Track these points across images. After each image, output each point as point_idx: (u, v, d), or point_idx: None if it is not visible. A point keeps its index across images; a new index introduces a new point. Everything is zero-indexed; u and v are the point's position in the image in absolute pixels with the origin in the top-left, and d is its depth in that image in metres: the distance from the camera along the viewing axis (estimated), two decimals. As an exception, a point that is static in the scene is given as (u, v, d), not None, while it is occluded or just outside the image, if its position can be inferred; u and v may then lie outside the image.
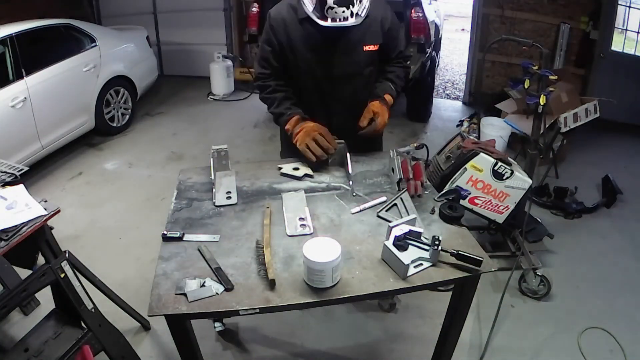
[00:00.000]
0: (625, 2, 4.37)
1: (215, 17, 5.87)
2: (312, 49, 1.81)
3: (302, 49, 1.82)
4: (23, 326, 2.23)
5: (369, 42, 1.85)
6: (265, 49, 1.88)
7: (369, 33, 1.83)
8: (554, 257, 2.81)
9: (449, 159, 2.38)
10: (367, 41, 1.84)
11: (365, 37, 1.83)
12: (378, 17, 1.84)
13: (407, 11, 4.22)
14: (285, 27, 1.81)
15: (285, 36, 1.81)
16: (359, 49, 1.84)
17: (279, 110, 1.88)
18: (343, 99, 1.92)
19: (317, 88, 1.90)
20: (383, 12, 1.86)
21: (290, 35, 1.81)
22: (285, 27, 1.81)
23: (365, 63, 1.89)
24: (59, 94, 3.85)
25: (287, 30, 1.81)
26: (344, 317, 2.40)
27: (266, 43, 1.87)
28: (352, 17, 1.63)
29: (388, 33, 1.88)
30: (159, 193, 3.56)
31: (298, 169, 1.80)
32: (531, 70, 2.46)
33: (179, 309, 1.21)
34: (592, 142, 4.25)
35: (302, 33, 1.79)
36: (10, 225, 1.56)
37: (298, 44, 1.81)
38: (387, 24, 1.87)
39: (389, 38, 1.89)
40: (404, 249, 1.33)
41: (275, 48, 1.85)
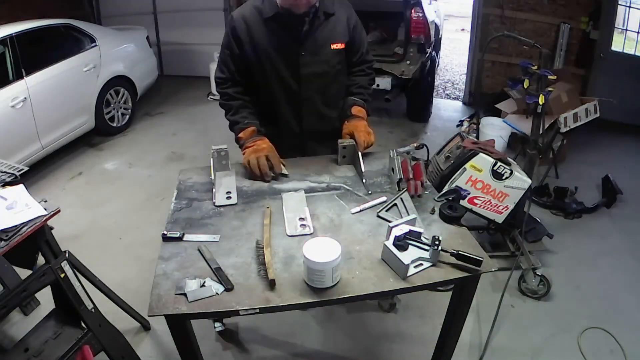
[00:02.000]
0: (625, 2, 4.37)
1: (215, 17, 5.87)
2: (278, 48, 1.77)
3: (267, 49, 1.77)
4: (23, 326, 2.23)
5: (336, 40, 1.83)
6: (224, 53, 1.84)
7: (336, 31, 1.83)
8: (553, 257, 2.81)
9: (449, 159, 2.38)
10: (334, 39, 1.82)
11: (333, 35, 1.82)
12: (344, 15, 1.84)
13: (407, 11, 4.22)
14: (248, 29, 1.76)
15: (247, 37, 1.77)
16: (327, 47, 1.82)
17: (234, 118, 1.86)
18: (312, 98, 1.89)
19: (285, 88, 1.86)
20: (347, 10, 1.87)
21: (253, 36, 1.76)
22: (247, 29, 1.76)
23: (333, 62, 1.87)
24: (59, 94, 3.85)
25: (250, 32, 1.76)
26: (344, 317, 2.40)
27: (226, 47, 1.83)
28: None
29: (353, 31, 1.87)
30: (159, 193, 3.56)
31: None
32: (530, 70, 2.47)
33: (179, 309, 1.21)
34: (592, 142, 4.26)
35: (268, 34, 1.76)
36: (10, 225, 1.56)
37: (263, 44, 1.77)
38: (352, 22, 1.87)
39: (354, 36, 1.88)
40: (404, 249, 1.33)
41: (234, 51, 1.80)
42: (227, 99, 1.88)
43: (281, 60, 1.80)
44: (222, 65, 1.87)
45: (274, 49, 1.77)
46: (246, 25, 1.76)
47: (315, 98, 1.90)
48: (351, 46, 1.89)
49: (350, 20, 1.86)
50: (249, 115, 1.85)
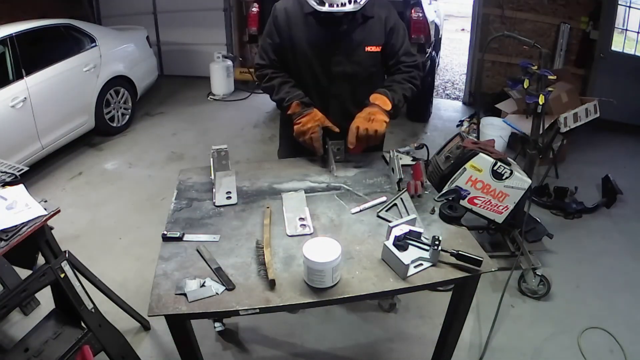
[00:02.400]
0: (625, 2, 4.38)
1: (215, 17, 5.88)
2: (313, 45, 1.82)
3: (303, 44, 1.82)
4: (23, 326, 2.23)
5: (371, 43, 1.84)
6: (265, 41, 1.90)
7: (372, 33, 1.83)
8: (553, 257, 2.81)
9: (449, 159, 2.38)
10: (369, 42, 1.83)
11: (368, 38, 1.83)
12: (382, 17, 1.83)
13: (407, 11, 4.22)
14: (289, 21, 1.81)
15: (287, 29, 1.82)
16: (360, 49, 1.83)
17: (279, 96, 1.88)
18: (340, 97, 1.91)
19: (315, 84, 1.89)
20: (387, 12, 1.85)
21: (292, 29, 1.82)
22: (288, 21, 1.82)
23: (366, 64, 1.87)
24: (59, 94, 3.85)
25: (289, 24, 1.82)
26: (344, 317, 2.40)
27: (267, 35, 1.89)
28: (350, 3, 1.64)
29: (390, 33, 1.86)
30: (159, 193, 3.56)
31: None
32: (530, 70, 2.46)
33: (179, 309, 1.21)
34: (592, 142, 4.26)
35: (305, 28, 1.80)
36: (10, 225, 1.56)
37: (300, 38, 1.82)
38: (390, 24, 1.85)
39: (390, 38, 1.87)
40: (404, 249, 1.33)
41: (275, 41, 1.86)
42: (267, 80, 1.91)
43: (315, 56, 1.84)
44: (262, 53, 1.93)
45: (309, 45, 1.82)
46: (287, 17, 1.82)
47: (344, 97, 1.91)
48: (386, 48, 1.88)
49: (387, 21, 1.84)
50: (291, 89, 1.87)
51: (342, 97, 1.92)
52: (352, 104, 1.92)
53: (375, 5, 1.82)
